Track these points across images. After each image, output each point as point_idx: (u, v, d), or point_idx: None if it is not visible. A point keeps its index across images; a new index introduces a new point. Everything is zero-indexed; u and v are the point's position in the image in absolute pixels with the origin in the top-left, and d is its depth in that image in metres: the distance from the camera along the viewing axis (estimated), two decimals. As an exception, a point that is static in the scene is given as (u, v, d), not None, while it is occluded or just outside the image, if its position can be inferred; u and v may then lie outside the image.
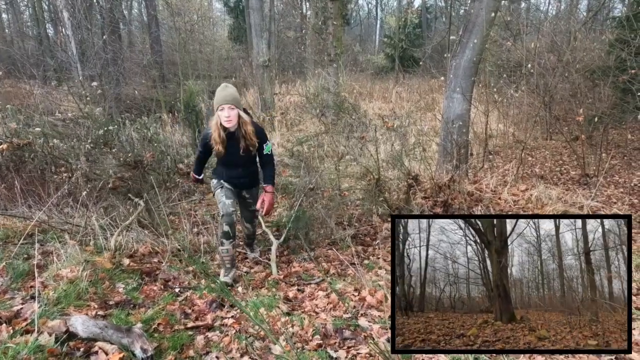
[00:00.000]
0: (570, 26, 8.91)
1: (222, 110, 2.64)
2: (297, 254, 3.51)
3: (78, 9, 9.61)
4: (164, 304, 2.34)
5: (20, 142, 3.66)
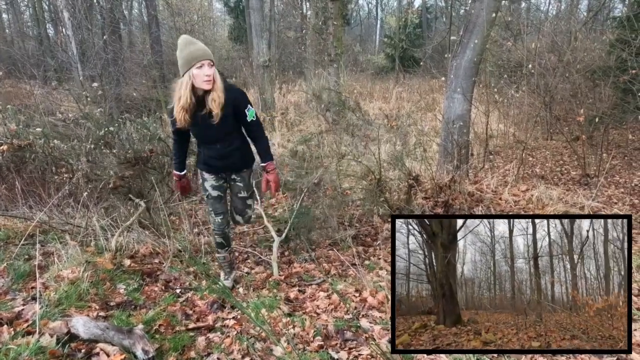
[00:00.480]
0: (570, 26, 8.90)
1: (201, 67, 2.12)
2: (298, 255, 3.51)
3: (78, 9, 9.62)
4: (165, 305, 2.33)
5: (21, 143, 3.66)
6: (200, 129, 2.32)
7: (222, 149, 2.39)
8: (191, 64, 2.12)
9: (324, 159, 5.45)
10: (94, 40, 9.88)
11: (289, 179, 5.14)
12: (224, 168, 2.49)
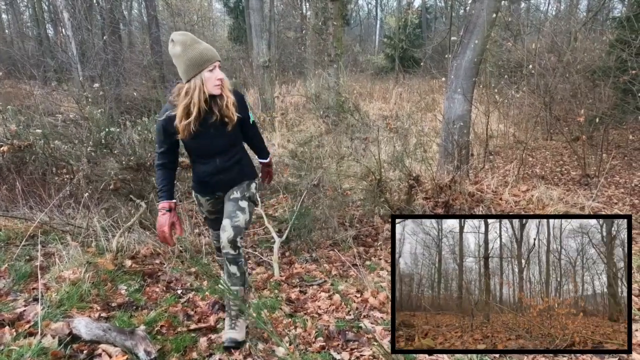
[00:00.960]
0: (570, 27, 8.91)
1: (212, 70, 1.85)
2: (298, 255, 3.51)
3: (78, 9, 9.62)
4: (167, 305, 2.33)
5: (21, 144, 3.66)
6: (200, 141, 1.95)
7: (221, 162, 2.02)
8: (203, 67, 1.83)
9: (324, 159, 5.46)
10: (94, 40, 9.88)
11: (289, 180, 5.15)
12: (222, 185, 2.08)
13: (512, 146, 7.40)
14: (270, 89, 10.51)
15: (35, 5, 15.46)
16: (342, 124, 5.77)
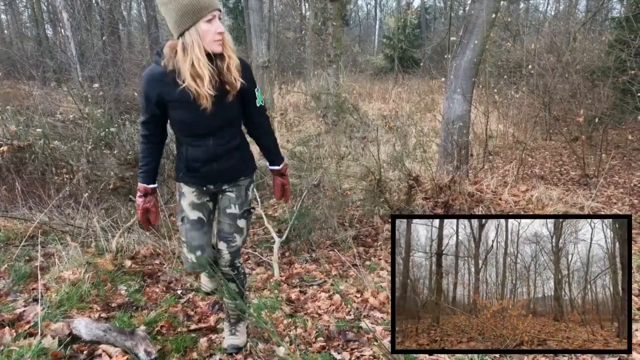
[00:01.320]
0: (569, 27, 8.93)
1: (211, 20, 1.46)
2: (298, 255, 3.51)
3: (77, 9, 9.61)
4: (167, 306, 2.33)
5: (21, 144, 3.65)
6: (190, 114, 1.56)
7: (215, 147, 1.63)
8: (199, 15, 1.44)
9: (323, 159, 5.46)
10: (93, 41, 9.87)
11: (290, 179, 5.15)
12: (215, 176, 1.69)
13: (512, 146, 7.41)
14: (269, 89, 10.51)
15: (34, 6, 15.45)
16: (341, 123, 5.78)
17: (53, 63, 9.92)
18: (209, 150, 1.64)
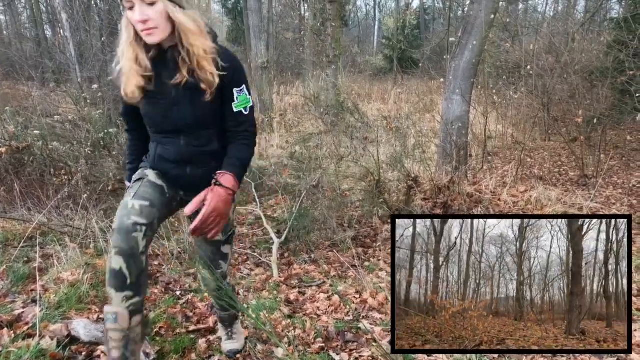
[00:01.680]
0: (568, 27, 8.95)
1: (133, 8, 1.25)
2: (297, 256, 3.52)
3: (76, 10, 9.61)
4: (165, 307, 2.33)
5: (19, 145, 3.65)
6: (155, 107, 1.38)
7: (187, 146, 1.41)
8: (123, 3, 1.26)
9: (322, 160, 5.47)
10: (92, 41, 9.87)
11: (288, 181, 5.15)
12: (187, 183, 1.46)
13: (511, 147, 7.42)
14: (268, 90, 10.52)
15: (34, 7, 15.45)
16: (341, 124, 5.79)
17: (52, 64, 9.91)
18: (180, 149, 1.41)
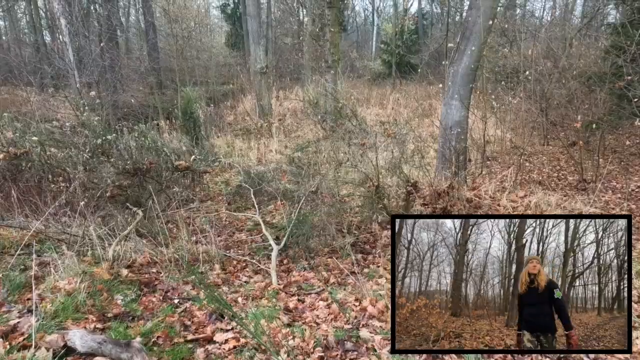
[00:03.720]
0: (565, 32, 8.99)
1: None
2: (296, 263, 3.49)
3: (75, 16, 9.62)
4: (163, 315, 2.31)
5: (17, 152, 3.63)
6: None
7: None
8: None
9: (321, 165, 5.46)
10: (91, 47, 9.88)
11: (287, 187, 5.13)
12: None
13: (509, 151, 7.42)
14: (267, 95, 10.53)
15: (33, 12, 15.46)
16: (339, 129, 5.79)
17: (51, 69, 9.91)
18: None
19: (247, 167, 6.46)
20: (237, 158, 7.56)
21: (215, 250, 3.45)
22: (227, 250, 3.72)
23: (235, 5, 18.38)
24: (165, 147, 4.28)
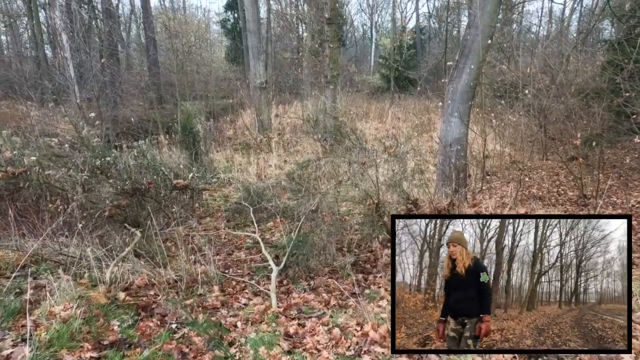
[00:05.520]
0: (562, 48, 9.08)
1: None
2: (296, 284, 3.44)
3: (77, 32, 9.71)
4: (161, 343, 2.25)
5: (15, 171, 3.61)
6: None
7: None
8: None
9: (321, 182, 5.44)
10: (92, 62, 9.95)
11: (287, 203, 5.10)
12: None
13: (509, 166, 7.42)
14: (267, 110, 10.57)
15: (35, 27, 15.60)
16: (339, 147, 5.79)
17: (51, 85, 9.95)
18: None
19: (247, 182, 6.43)
20: (237, 174, 7.54)
21: (214, 271, 3.40)
22: (226, 270, 3.67)
23: (235, 21, 18.62)
24: (163, 167, 4.25)
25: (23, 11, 16.76)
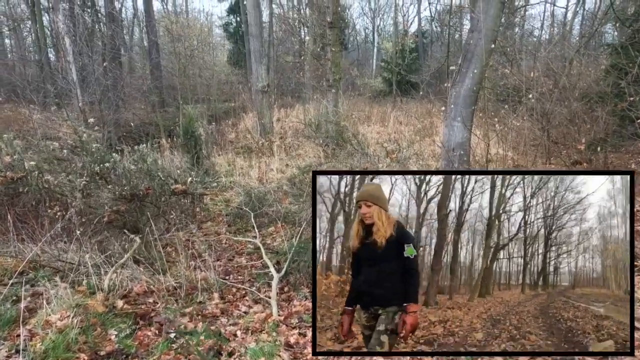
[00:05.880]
0: (565, 52, 9.04)
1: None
2: (297, 291, 3.39)
3: (80, 35, 9.74)
4: (159, 353, 2.21)
5: (14, 176, 3.58)
6: None
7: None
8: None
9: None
10: (94, 66, 9.96)
11: (288, 208, 5.06)
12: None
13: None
14: (268, 114, 10.55)
15: (38, 31, 15.67)
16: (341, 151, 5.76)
17: (54, 88, 9.97)
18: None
19: (248, 187, 6.40)
20: (238, 177, 7.51)
21: (214, 278, 3.36)
22: (227, 277, 3.62)
23: (238, 24, 18.67)
24: (160, 172, 4.21)
25: (27, 15, 16.87)
